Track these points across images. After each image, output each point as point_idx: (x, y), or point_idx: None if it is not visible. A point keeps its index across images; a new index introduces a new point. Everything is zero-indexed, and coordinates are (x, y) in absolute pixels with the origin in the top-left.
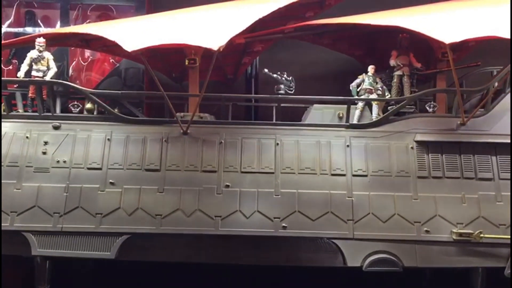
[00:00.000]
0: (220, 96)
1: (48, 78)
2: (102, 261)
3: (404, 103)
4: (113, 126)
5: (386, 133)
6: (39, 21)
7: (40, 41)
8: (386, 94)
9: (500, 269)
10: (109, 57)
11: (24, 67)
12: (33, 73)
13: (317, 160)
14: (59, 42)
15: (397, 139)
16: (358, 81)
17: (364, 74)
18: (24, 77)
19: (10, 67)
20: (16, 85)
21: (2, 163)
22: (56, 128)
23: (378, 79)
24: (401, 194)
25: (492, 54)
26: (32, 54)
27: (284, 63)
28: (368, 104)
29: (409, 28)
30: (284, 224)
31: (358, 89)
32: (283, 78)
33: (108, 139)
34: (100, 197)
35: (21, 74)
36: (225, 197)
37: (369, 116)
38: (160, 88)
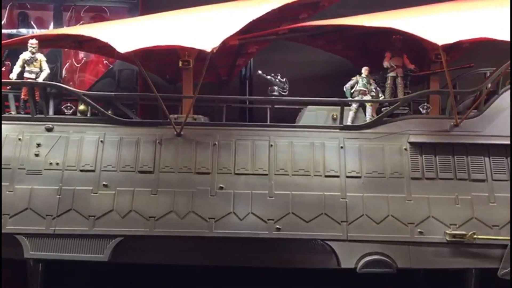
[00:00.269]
0: (214, 98)
1: (40, 79)
2: (96, 264)
3: (397, 104)
4: (106, 128)
5: (380, 134)
6: (32, 23)
7: (33, 42)
8: (380, 95)
9: (494, 270)
10: (103, 59)
11: (16, 68)
12: (26, 74)
13: (311, 162)
14: (52, 43)
15: (390, 141)
16: (352, 82)
17: (358, 75)
18: (16, 79)
19: (3, 68)
20: (8, 86)
21: None
22: (49, 130)
23: (372, 81)
24: (394, 195)
25: (485, 55)
26: (25, 55)
27: (279, 65)
28: (362, 105)
29: (403, 30)
30: (278, 226)
31: (352, 91)
32: (277, 80)
33: (101, 141)
34: (93, 199)
35: (13, 75)
36: (219, 199)
37: (363, 118)
38: (153, 90)
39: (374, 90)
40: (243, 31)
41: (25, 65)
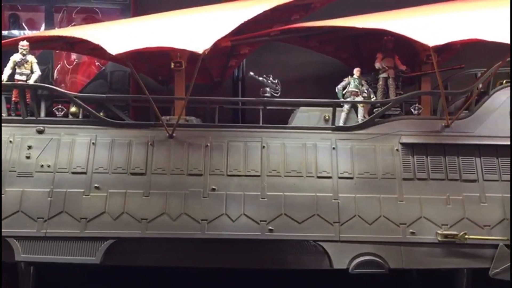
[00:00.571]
0: (206, 99)
1: (31, 81)
2: (88, 266)
3: (389, 105)
4: (98, 130)
5: (372, 135)
6: (24, 24)
7: (23, 44)
8: (372, 96)
9: (485, 270)
10: (95, 60)
11: (7, 70)
12: (17, 76)
13: (303, 163)
14: (43, 45)
15: (382, 141)
16: (344, 83)
17: (349, 76)
18: (7, 81)
19: None
20: None
21: None
22: (40, 132)
23: (363, 82)
24: (386, 196)
25: (476, 56)
26: (15, 57)
27: (271, 66)
28: (354, 106)
29: (394, 31)
30: (270, 227)
31: (344, 92)
32: (269, 81)
33: (93, 143)
34: (85, 201)
35: (4, 77)
36: (211, 201)
37: (355, 119)
38: (145, 91)
39: (366, 91)
40: (235, 32)
41: (16, 67)
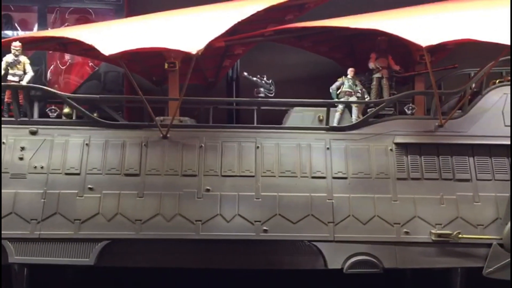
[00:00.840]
0: (200, 100)
1: (24, 82)
2: (82, 268)
3: (383, 105)
4: (91, 130)
5: (366, 135)
6: (16, 25)
7: (16, 45)
8: (366, 96)
9: (479, 269)
10: (89, 61)
11: None
12: (9, 77)
13: (297, 163)
14: (36, 45)
15: (376, 141)
16: (337, 83)
17: (343, 76)
18: None
19: None
20: None
21: None
22: (33, 133)
23: (357, 82)
24: (380, 196)
25: (469, 56)
26: (8, 58)
27: (265, 66)
28: (348, 106)
29: (387, 31)
30: (265, 228)
31: (338, 92)
32: (263, 81)
33: (87, 144)
34: (78, 202)
35: None
36: (206, 201)
37: (349, 119)
38: (138, 92)
39: (360, 91)
40: (229, 33)
41: (9, 67)
